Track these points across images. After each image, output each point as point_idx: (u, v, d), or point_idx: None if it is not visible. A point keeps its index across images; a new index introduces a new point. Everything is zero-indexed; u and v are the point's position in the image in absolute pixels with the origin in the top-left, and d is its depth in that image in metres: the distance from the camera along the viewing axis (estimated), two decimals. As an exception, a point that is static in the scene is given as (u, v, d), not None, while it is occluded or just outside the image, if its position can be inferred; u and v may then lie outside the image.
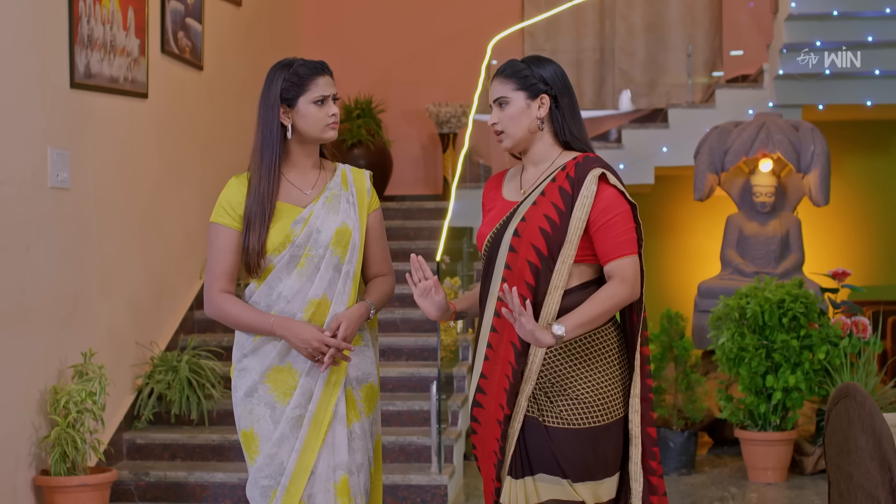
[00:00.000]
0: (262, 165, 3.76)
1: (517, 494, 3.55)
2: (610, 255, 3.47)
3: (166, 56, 7.66)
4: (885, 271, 10.89)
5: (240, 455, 6.84)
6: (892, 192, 11.21)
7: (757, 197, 8.20)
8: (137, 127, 7.23)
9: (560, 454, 3.50)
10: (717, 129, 8.36)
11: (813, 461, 7.24)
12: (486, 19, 10.93)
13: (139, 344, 7.17)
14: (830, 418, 4.19)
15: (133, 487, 6.57)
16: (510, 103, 3.60)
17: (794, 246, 8.19)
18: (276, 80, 3.76)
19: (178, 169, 7.88)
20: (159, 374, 7.05)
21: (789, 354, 6.89)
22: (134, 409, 7.04)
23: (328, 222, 3.75)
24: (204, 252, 8.32)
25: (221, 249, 3.76)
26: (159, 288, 7.54)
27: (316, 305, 3.72)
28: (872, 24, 8.72)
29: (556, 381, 3.50)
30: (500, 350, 3.56)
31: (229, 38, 8.88)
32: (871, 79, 9.19)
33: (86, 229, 6.52)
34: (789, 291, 6.97)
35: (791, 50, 8.96)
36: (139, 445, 6.91)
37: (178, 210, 7.86)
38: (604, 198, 3.49)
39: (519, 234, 3.53)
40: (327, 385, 3.72)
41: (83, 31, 6.40)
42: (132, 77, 7.06)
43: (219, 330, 8.05)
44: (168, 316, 7.70)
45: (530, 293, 3.49)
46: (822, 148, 7.98)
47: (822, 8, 8.61)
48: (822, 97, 9.27)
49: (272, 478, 3.70)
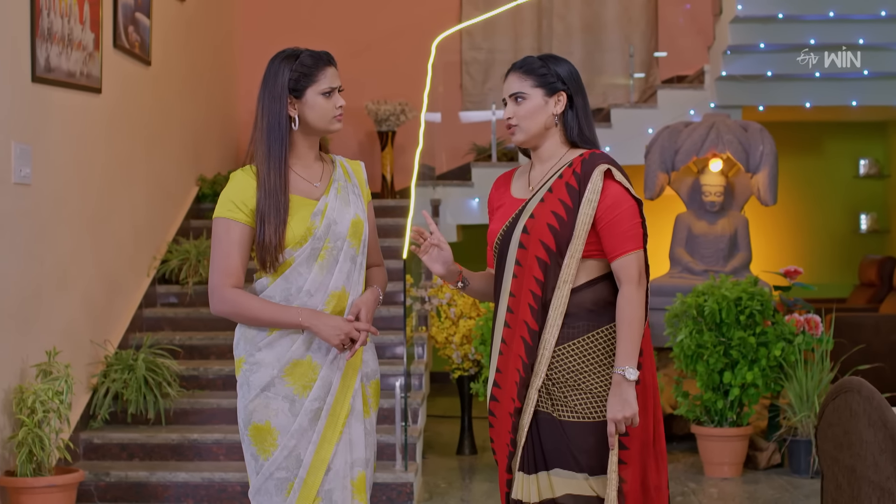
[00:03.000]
0: (270, 158, 3.68)
1: (529, 489, 3.57)
2: (616, 251, 3.52)
3: (118, 51, 7.55)
4: (819, 270, 11.11)
5: (200, 454, 6.77)
6: (825, 192, 11.45)
7: (706, 196, 8.30)
8: (92, 122, 7.12)
9: (576, 448, 3.52)
10: (668, 129, 8.46)
11: (766, 456, 7.35)
12: (424, 18, 10.96)
13: (94, 342, 7.06)
14: (826, 413, 4.26)
15: (93, 488, 6.46)
16: (527, 99, 3.62)
17: (742, 245, 8.31)
18: (282, 70, 3.70)
19: (127, 165, 7.77)
20: (115, 373, 6.95)
21: (746, 351, 6.99)
22: (90, 408, 6.93)
23: (344, 214, 3.72)
24: (152, 249, 8.24)
25: (231, 245, 3.66)
26: (111, 286, 7.43)
27: (337, 298, 3.68)
28: (815, 27, 8.87)
29: (570, 375, 3.53)
30: (512, 345, 3.60)
31: (173, 34, 8.78)
32: (811, 81, 9.36)
33: (45, 226, 6.41)
34: (745, 289, 7.07)
35: (735, 52, 9.09)
36: (96, 445, 6.80)
37: (127, 206, 7.75)
38: (610, 194, 3.54)
39: (528, 230, 3.57)
40: (345, 378, 3.69)
41: (44, 24, 6.29)
42: (87, 71, 6.95)
43: (167, 328, 7.97)
44: (119, 314, 7.59)
45: (539, 289, 3.54)
46: (771, 148, 8.10)
47: (768, 11, 8.74)
48: (763, 99, 9.43)
49: (289, 470, 3.66)
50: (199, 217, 9.29)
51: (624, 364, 3.47)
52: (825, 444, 4.28)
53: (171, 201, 8.83)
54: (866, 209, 11.50)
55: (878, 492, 3.73)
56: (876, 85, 9.42)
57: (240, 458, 6.75)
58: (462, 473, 7.44)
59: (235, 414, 7.11)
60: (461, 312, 7.89)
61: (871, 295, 10.51)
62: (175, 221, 8.85)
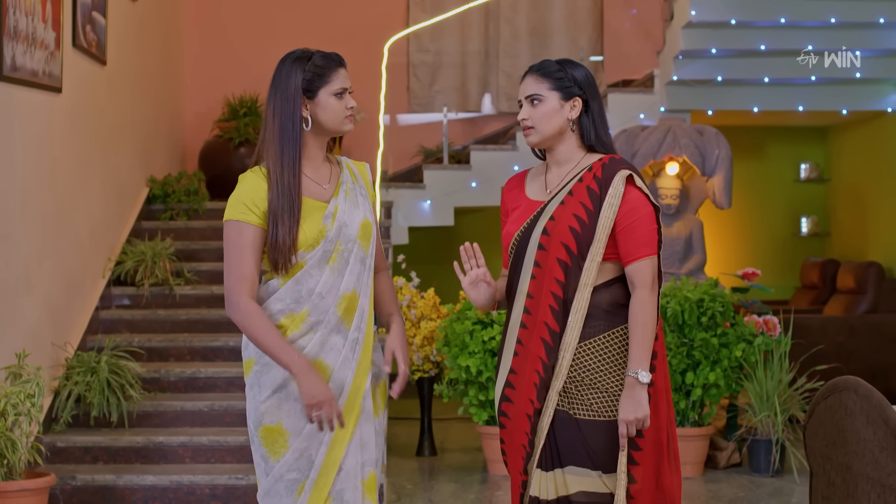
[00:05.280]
0: (283, 157, 3.66)
1: (547, 486, 3.60)
2: (631, 256, 3.59)
3: (77, 50, 7.48)
4: (761, 272, 11.26)
5: (165, 457, 6.72)
6: (767, 195, 11.62)
7: (662, 199, 8.40)
8: (53, 122, 7.05)
9: (591, 446, 3.57)
10: (625, 132, 8.56)
11: (726, 456, 7.45)
12: (371, 20, 10.96)
13: (55, 344, 6.98)
14: (816, 412, 4.34)
15: (59, 492, 6.38)
16: (543, 101, 3.66)
17: (697, 247, 8.42)
18: (294, 71, 3.69)
19: (85, 165, 7.69)
20: (77, 376, 6.87)
21: (709, 352, 7.09)
22: (52, 411, 6.85)
23: (354, 216, 3.72)
24: (107, 250, 8.16)
25: (245, 248, 3.63)
26: (70, 287, 7.36)
27: (348, 300, 3.68)
28: (765, 32, 9.01)
29: (586, 374, 3.59)
30: (530, 346, 3.62)
31: (126, 34, 8.70)
32: (760, 86, 9.51)
33: (10, 226, 6.32)
34: (706, 291, 7.17)
35: (686, 56, 9.21)
36: (59, 448, 6.72)
37: (84, 207, 7.68)
38: (630, 199, 3.60)
39: (548, 232, 3.61)
40: (356, 379, 3.69)
41: (10, 21, 6.21)
42: (49, 70, 6.88)
43: (124, 330, 7.89)
44: (78, 316, 7.51)
45: (560, 290, 3.58)
46: (726, 152, 8.23)
47: (721, 16, 8.85)
48: (712, 103, 9.57)
49: (301, 472, 3.65)
50: (150, 218, 9.22)
51: (637, 367, 3.54)
52: (815, 442, 4.36)
53: (125, 202, 8.75)
54: (807, 212, 11.69)
55: (878, 488, 3.81)
56: (822, 90, 9.61)
57: (206, 461, 6.73)
58: (425, 475, 7.46)
59: (199, 416, 7.15)
60: (422, 314, 7.91)
61: (814, 297, 10.70)
62: (128, 223, 8.77)
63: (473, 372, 7.16)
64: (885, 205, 10.35)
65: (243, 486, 6.47)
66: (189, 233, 9.10)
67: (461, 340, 7.23)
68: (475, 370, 7.15)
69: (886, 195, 10.33)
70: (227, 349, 7.66)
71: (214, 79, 10.72)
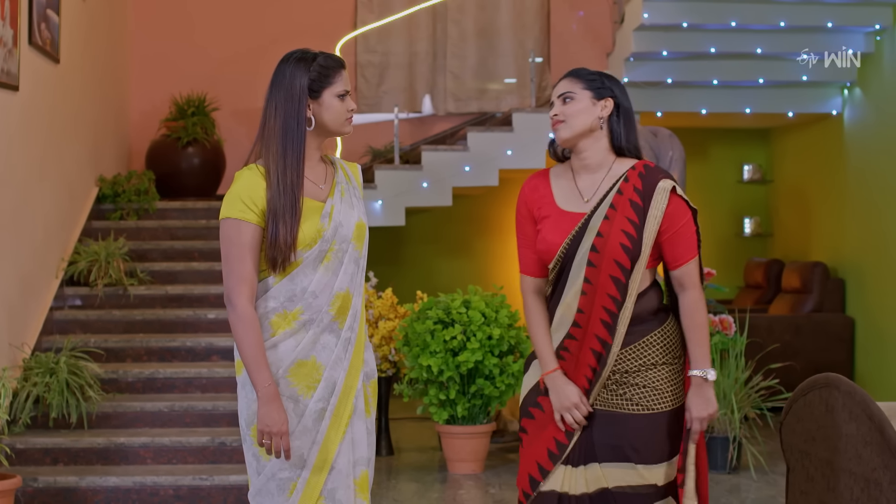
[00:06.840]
0: (286, 156, 3.65)
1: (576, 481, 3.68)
2: (678, 261, 3.69)
3: (33, 48, 7.41)
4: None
5: (127, 458, 6.68)
6: (710, 196, 11.74)
7: (616, 200, 8.47)
8: (10, 121, 6.98)
9: (632, 438, 3.66)
10: (579, 133, 8.60)
11: (683, 453, 7.53)
12: (319, 19, 10.94)
13: (12, 345, 6.91)
14: (794, 408, 4.42)
15: (20, 493, 6.32)
16: (575, 99, 3.72)
17: (650, 247, 8.50)
18: (299, 71, 3.69)
19: (39, 164, 7.63)
20: (36, 377, 6.81)
21: (667, 351, 7.16)
22: (10, 412, 6.77)
23: (349, 217, 3.74)
24: (60, 250, 8.09)
25: (244, 248, 3.62)
26: (26, 287, 7.29)
27: (342, 299, 3.70)
28: (716, 35, 9.13)
29: (626, 370, 3.68)
30: (580, 356, 3.71)
31: (77, 32, 8.63)
32: (708, 88, 9.64)
33: (-29, 226, 6.26)
34: (664, 290, 7.25)
35: (638, 59, 9.30)
36: (19, 450, 6.65)
37: (39, 206, 7.61)
38: (673, 208, 3.68)
39: (598, 249, 3.66)
40: (348, 378, 3.71)
41: (-29, 19, 6.15)
42: (7, 69, 6.81)
43: (79, 331, 7.82)
44: (33, 317, 7.44)
45: (615, 306, 3.66)
46: (680, 154, 8.32)
47: (672, 19, 8.96)
48: (661, 105, 9.67)
49: (292, 470, 3.66)
50: (100, 218, 9.15)
51: (702, 366, 3.67)
52: (792, 438, 4.44)
53: (76, 202, 8.68)
54: (750, 213, 11.85)
55: (861, 482, 3.89)
56: (770, 93, 9.76)
57: (169, 462, 6.70)
58: (385, 474, 7.46)
59: (159, 417, 7.10)
60: (380, 314, 7.93)
61: (759, 296, 10.84)
62: (79, 222, 8.70)
63: (435, 371, 7.19)
64: (828, 205, 10.52)
65: (207, 487, 6.45)
66: (140, 232, 9.04)
67: (422, 340, 7.25)
68: (436, 370, 7.17)
69: (828, 196, 10.49)
70: (185, 350, 7.62)
71: (161, 78, 10.65)
